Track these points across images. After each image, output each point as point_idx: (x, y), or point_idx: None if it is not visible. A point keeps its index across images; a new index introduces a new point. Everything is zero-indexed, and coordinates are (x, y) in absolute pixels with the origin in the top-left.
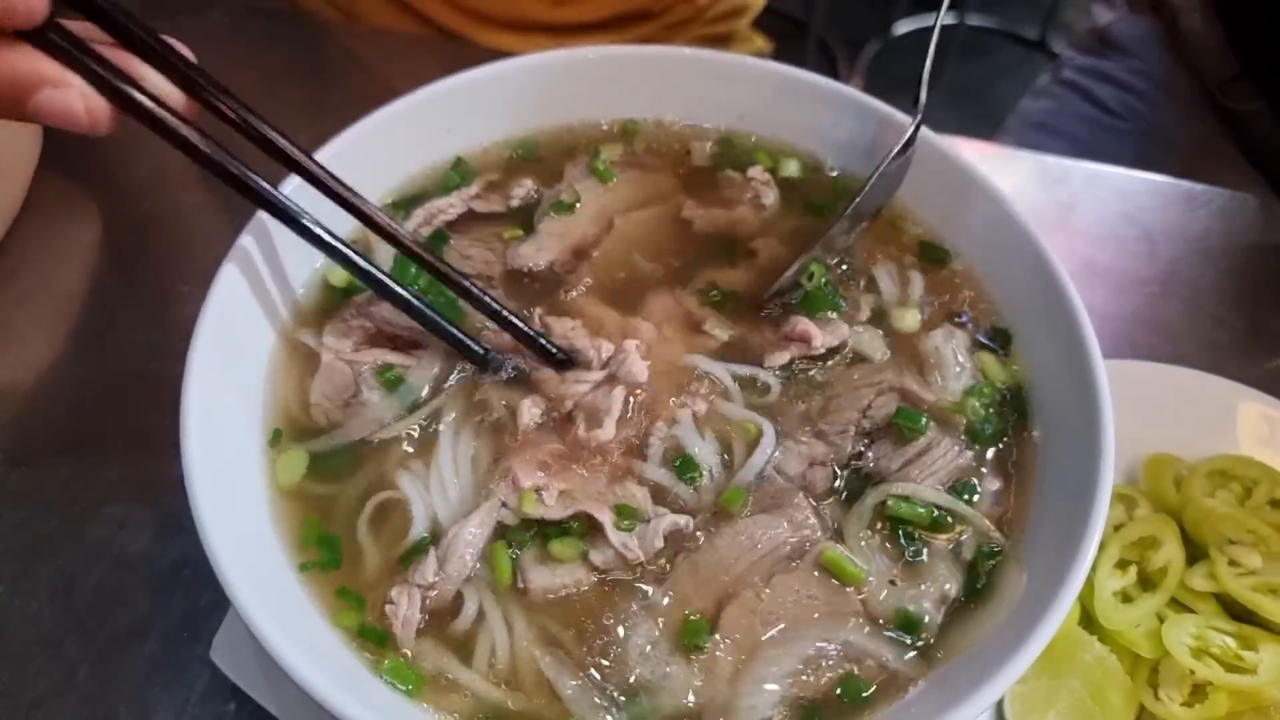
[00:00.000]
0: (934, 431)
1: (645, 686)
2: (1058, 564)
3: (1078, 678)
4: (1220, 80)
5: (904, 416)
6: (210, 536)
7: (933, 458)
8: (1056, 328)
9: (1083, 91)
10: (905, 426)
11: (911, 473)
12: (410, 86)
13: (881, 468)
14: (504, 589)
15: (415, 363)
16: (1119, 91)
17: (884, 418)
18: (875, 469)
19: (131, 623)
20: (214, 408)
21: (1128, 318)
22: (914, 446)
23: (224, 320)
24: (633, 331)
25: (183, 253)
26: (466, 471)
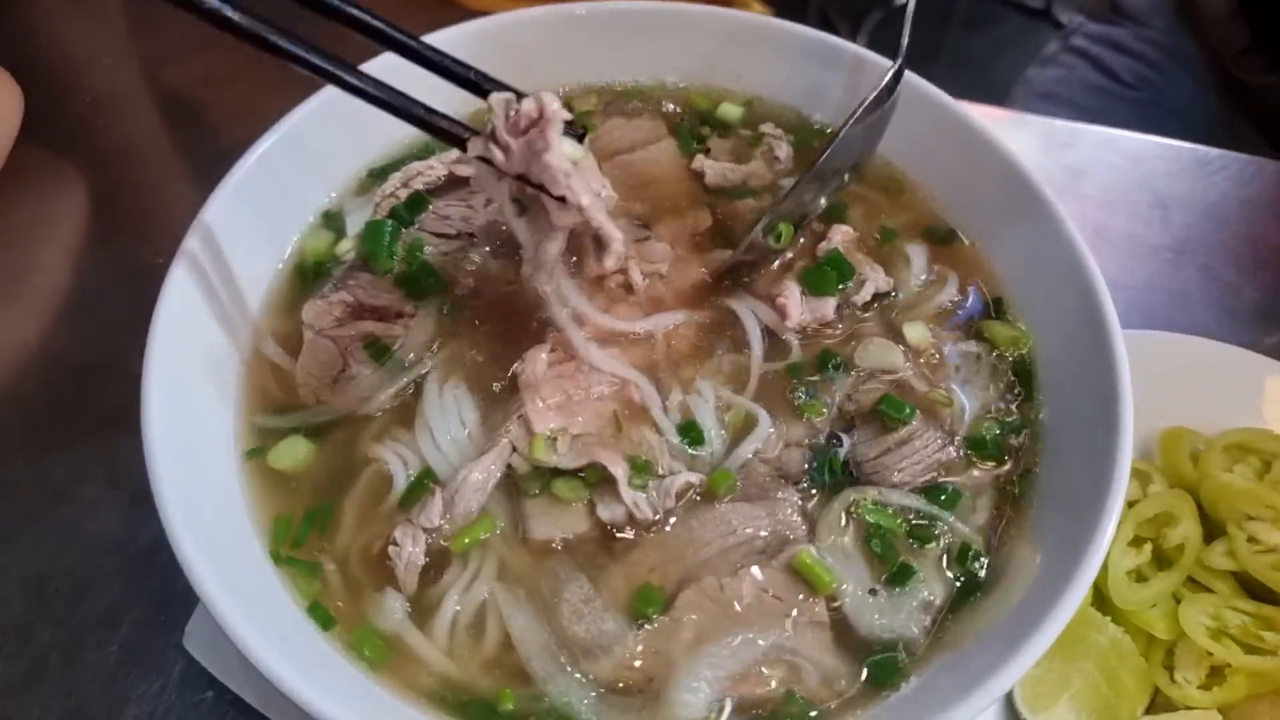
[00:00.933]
0: (918, 422)
1: (582, 645)
2: (1073, 543)
3: (1091, 661)
4: (1232, 52)
5: (889, 404)
6: (174, 523)
7: (912, 449)
8: (1069, 296)
9: (1092, 59)
10: (889, 414)
11: (887, 462)
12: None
13: (858, 454)
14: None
15: (403, 331)
16: (1130, 60)
17: (869, 403)
18: (852, 455)
19: (104, 609)
20: (180, 389)
21: (1140, 286)
22: (894, 436)
23: (187, 299)
24: (646, 252)
25: (157, 222)
26: (457, 420)
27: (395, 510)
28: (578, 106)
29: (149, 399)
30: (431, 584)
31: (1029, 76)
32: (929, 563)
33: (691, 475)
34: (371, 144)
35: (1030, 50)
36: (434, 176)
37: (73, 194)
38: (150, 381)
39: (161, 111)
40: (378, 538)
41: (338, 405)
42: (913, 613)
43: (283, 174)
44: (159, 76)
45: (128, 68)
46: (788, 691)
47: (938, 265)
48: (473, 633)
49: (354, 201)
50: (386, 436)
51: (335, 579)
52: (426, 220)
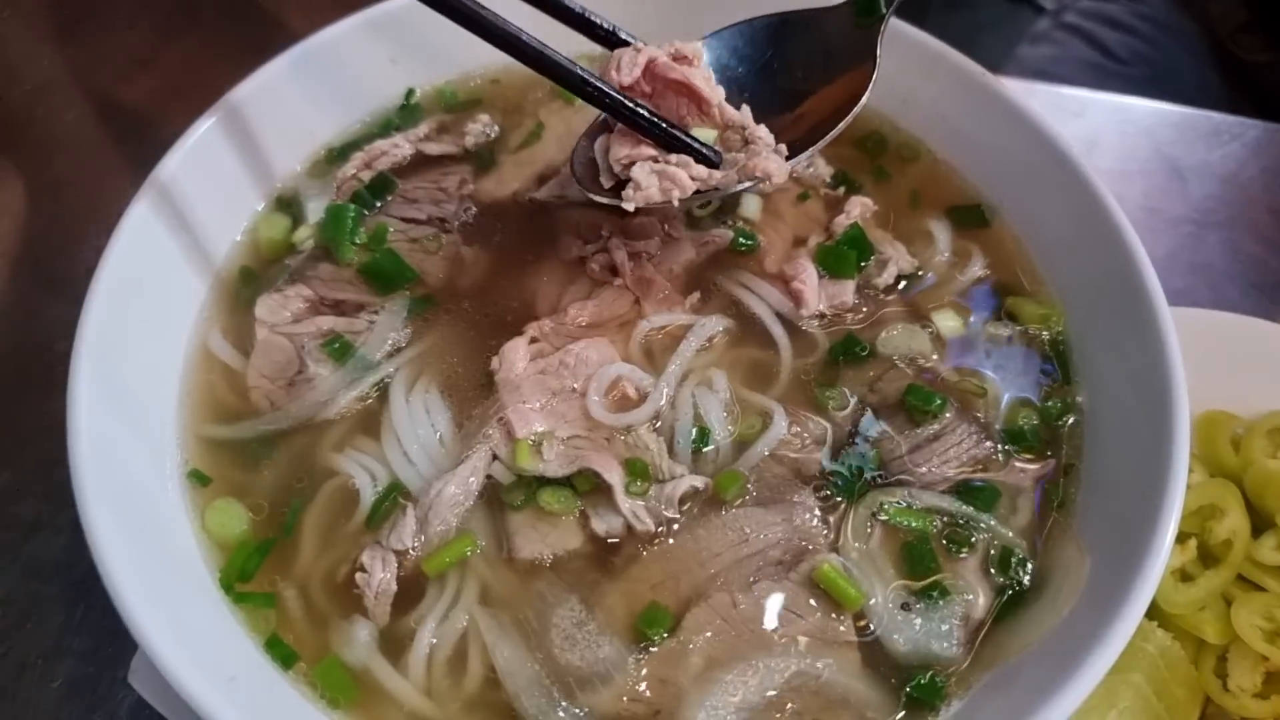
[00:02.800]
0: (950, 415)
1: (578, 676)
2: (1128, 544)
3: (1140, 672)
4: (1230, 28)
5: (916, 395)
6: (105, 551)
7: (944, 444)
8: (1105, 270)
9: (1085, 35)
10: (916, 407)
11: (916, 459)
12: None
13: (884, 451)
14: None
15: (367, 327)
16: (1124, 35)
17: (894, 394)
18: (877, 452)
19: (45, 640)
20: (113, 399)
21: (1162, 261)
22: (924, 430)
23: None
24: (635, 230)
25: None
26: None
27: (362, 530)
28: None
29: (75, 412)
30: (405, 613)
31: (1020, 55)
32: (967, 570)
33: (696, 479)
34: (328, 121)
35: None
36: (400, 156)
37: (10, 189)
38: (77, 392)
39: (103, 99)
40: (343, 562)
41: (294, 411)
42: (951, 628)
43: (228, 156)
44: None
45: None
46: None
47: (961, 241)
48: (453, 667)
49: (311, 185)
50: (349, 446)
51: (296, 608)
52: (393, 204)
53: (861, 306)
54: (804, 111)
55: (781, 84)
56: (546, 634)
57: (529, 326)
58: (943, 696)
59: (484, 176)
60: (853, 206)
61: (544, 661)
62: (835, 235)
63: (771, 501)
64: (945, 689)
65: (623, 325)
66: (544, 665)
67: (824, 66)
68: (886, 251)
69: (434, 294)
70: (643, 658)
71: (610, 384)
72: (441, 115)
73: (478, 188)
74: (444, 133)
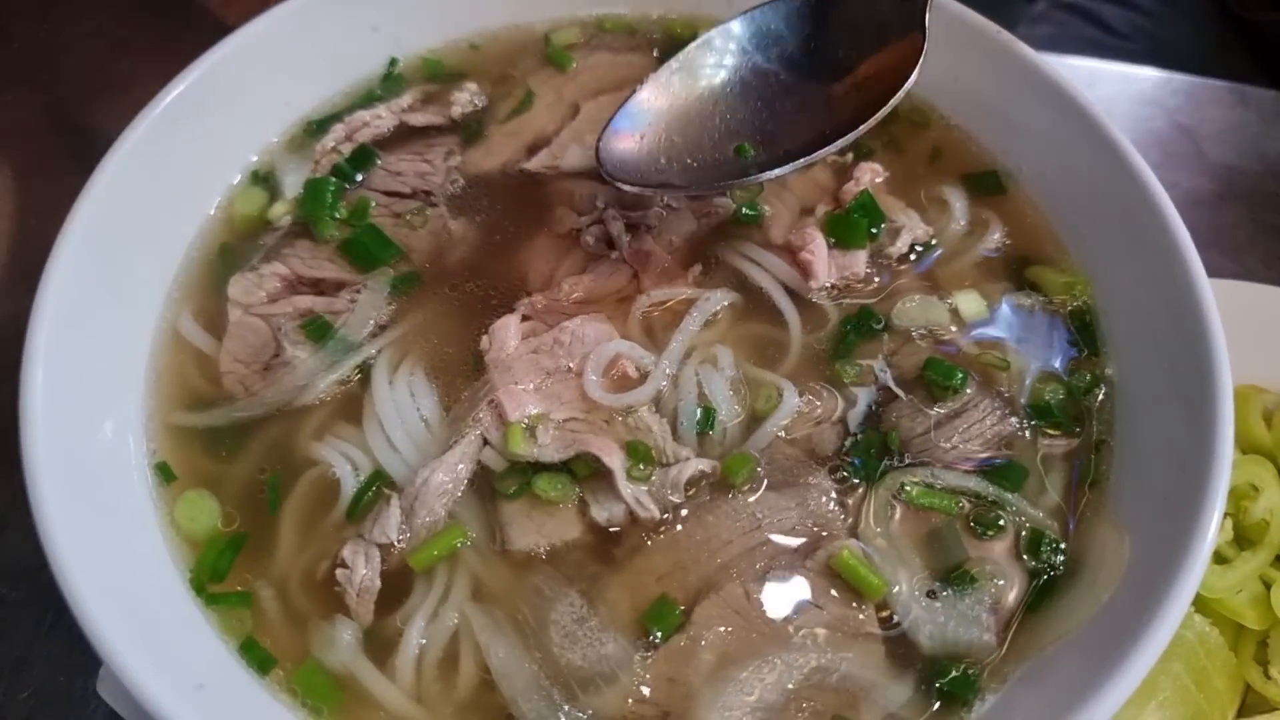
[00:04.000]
0: (972, 390)
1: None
2: (1171, 523)
3: (1179, 661)
4: None
5: (935, 369)
6: (59, 548)
7: (967, 421)
8: (1135, 237)
9: (1084, 13)
10: (936, 382)
11: (937, 437)
12: None
13: (903, 429)
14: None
15: (347, 306)
16: (1124, 10)
17: (912, 369)
18: (896, 430)
19: (11, 649)
20: (72, 386)
21: None
22: (945, 407)
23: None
24: (632, 202)
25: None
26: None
27: (343, 523)
28: (559, 40)
29: (29, 401)
30: (391, 612)
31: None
32: (996, 555)
33: (703, 462)
34: (307, 92)
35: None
36: (383, 128)
37: None
38: (31, 380)
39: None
40: (323, 557)
41: (270, 396)
42: (981, 616)
43: (198, 127)
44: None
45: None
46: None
47: (978, 209)
48: (444, 669)
49: (288, 159)
50: (329, 433)
51: (273, 609)
52: (375, 178)
53: (874, 277)
54: (848, 89)
55: (824, 62)
56: (545, 632)
57: (520, 303)
58: (975, 690)
59: (472, 148)
60: (862, 173)
61: (542, 661)
62: (845, 203)
63: (784, 485)
64: (978, 682)
65: (620, 300)
66: (543, 665)
67: (868, 42)
68: (899, 219)
69: (419, 271)
70: (649, 655)
71: (608, 363)
72: (426, 85)
73: (465, 159)
74: (429, 103)
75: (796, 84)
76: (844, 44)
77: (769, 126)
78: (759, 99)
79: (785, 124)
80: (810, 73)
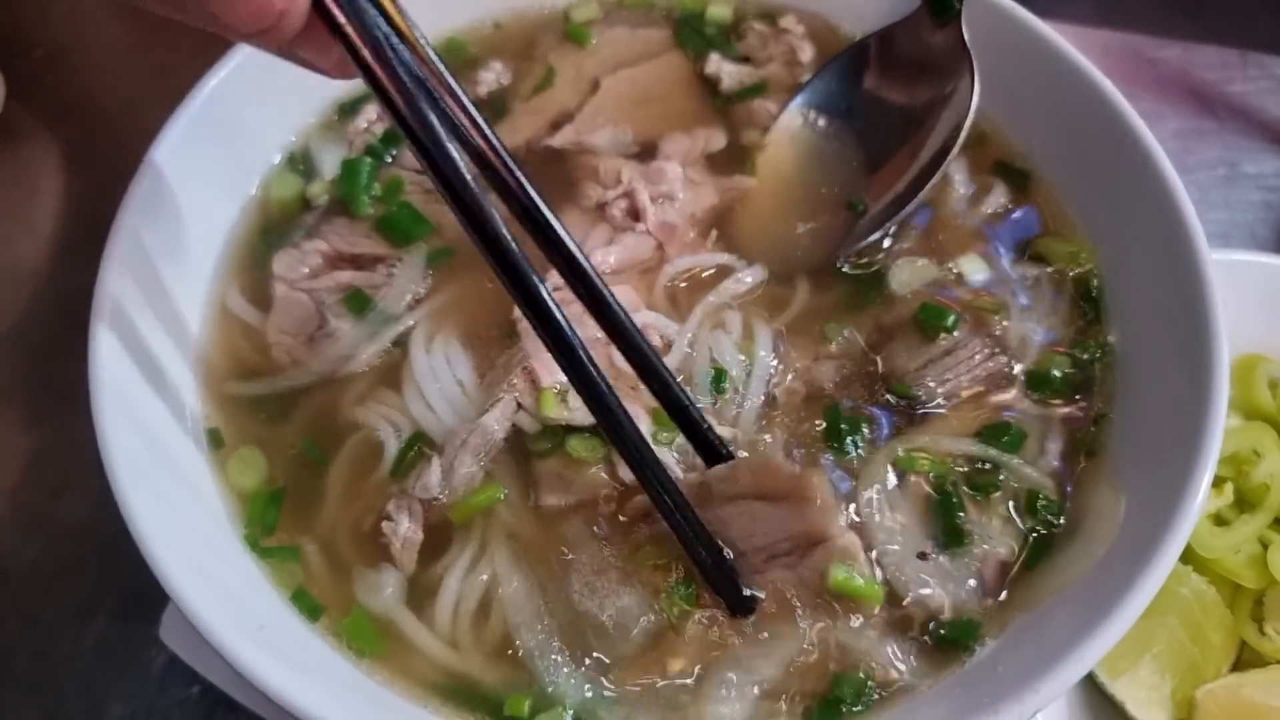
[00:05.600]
0: (963, 332)
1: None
2: (1164, 484)
3: (1175, 615)
4: None
5: (928, 313)
6: (134, 510)
7: (956, 359)
8: (1140, 207)
9: None
10: (929, 323)
11: (928, 374)
12: None
13: (897, 367)
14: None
15: (385, 280)
16: None
17: (907, 314)
18: (890, 369)
19: (76, 601)
20: (134, 360)
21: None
22: (937, 346)
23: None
24: (655, 175)
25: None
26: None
27: (387, 481)
28: (578, 16)
29: (97, 374)
30: (432, 563)
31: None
32: (993, 515)
33: (724, 429)
34: None
35: None
36: None
37: (31, 154)
38: (98, 353)
39: (117, 60)
40: (369, 512)
41: (315, 366)
42: (974, 575)
43: (239, 112)
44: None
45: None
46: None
47: (982, 176)
48: (478, 618)
49: (323, 140)
50: (371, 399)
51: (319, 562)
52: (406, 156)
53: (882, 243)
54: (920, 130)
55: (885, 113)
56: (566, 578)
57: (551, 275)
58: (975, 636)
59: (497, 125)
60: None
61: (567, 612)
62: None
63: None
64: (974, 634)
65: (645, 271)
66: (568, 616)
67: (919, 78)
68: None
69: (452, 245)
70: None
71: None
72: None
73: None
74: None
75: (874, 128)
76: (898, 91)
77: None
78: (847, 153)
79: (881, 167)
80: (880, 131)
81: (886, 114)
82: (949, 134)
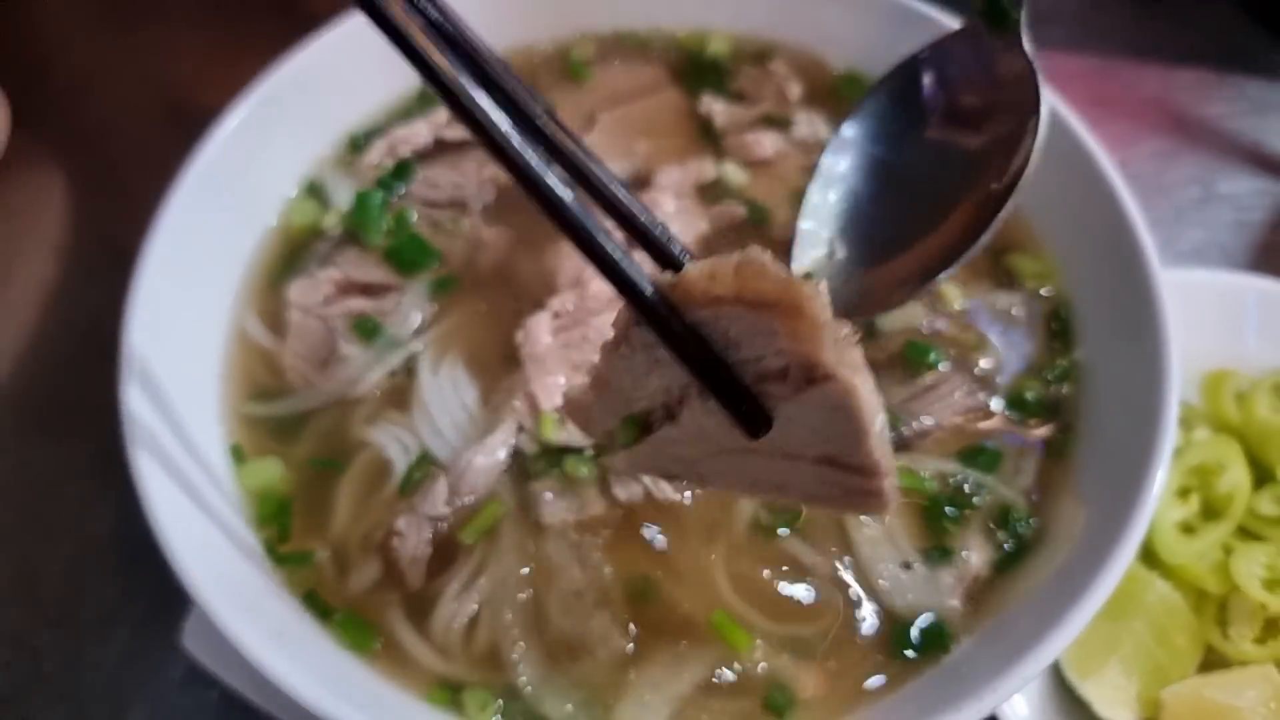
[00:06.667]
0: (946, 367)
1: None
2: (1119, 497)
3: (1140, 619)
4: None
5: (913, 350)
6: (163, 523)
7: (939, 395)
8: (1101, 235)
9: None
10: (914, 360)
11: (914, 407)
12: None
13: (884, 400)
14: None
15: (394, 307)
16: None
17: (894, 348)
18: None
19: (100, 610)
20: (161, 380)
21: (1169, 221)
22: (921, 382)
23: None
24: (650, 206)
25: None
26: (456, 399)
27: (395, 498)
28: (577, 55)
29: (127, 394)
30: (436, 576)
31: None
32: (969, 528)
33: None
34: (350, 108)
35: None
36: (420, 142)
37: (52, 179)
38: (127, 374)
39: (138, 88)
40: (378, 527)
41: (328, 388)
42: (949, 585)
43: (258, 146)
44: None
45: (101, 46)
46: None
47: None
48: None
49: (336, 172)
50: (381, 419)
51: (329, 568)
52: (415, 188)
53: None
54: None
55: (947, 139)
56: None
57: (551, 302)
58: (949, 639)
59: None
60: None
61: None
62: None
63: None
64: (950, 635)
65: None
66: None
67: (980, 98)
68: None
69: (457, 274)
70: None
71: None
72: None
73: (495, 170)
74: None
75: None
76: (958, 115)
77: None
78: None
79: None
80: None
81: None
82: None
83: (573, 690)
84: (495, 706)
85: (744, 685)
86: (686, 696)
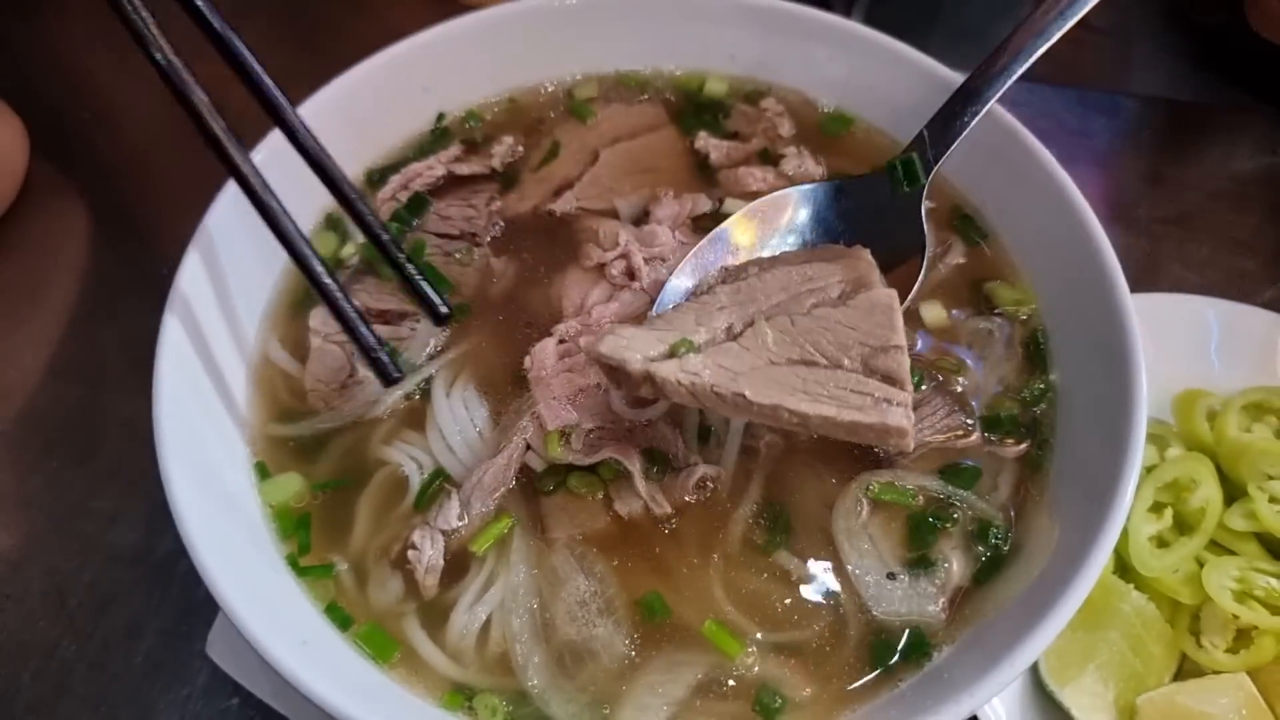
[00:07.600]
0: (928, 389)
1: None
2: (1091, 513)
3: (1116, 630)
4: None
5: None
6: (193, 536)
7: (922, 414)
8: (1074, 260)
9: None
10: None
11: None
12: (385, 42)
13: None
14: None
15: (409, 333)
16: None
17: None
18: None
19: (127, 620)
20: (190, 400)
21: (1146, 248)
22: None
23: (193, 309)
24: (647, 238)
25: (163, 233)
26: (467, 420)
27: (411, 513)
28: (580, 94)
29: (160, 414)
30: (449, 586)
31: None
32: (949, 542)
33: (709, 468)
34: (369, 145)
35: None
36: (433, 177)
37: (78, 210)
38: (160, 394)
39: (162, 121)
40: (395, 541)
41: (347, 410)
42: (931, 593)
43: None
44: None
45: (125, 80)
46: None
47: (942, 232)
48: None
49: None
50: (397, 439)
51: (349, 580)
52: (428, 221)
53: None
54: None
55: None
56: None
57: (557, 328)
58: (928, 648)
59: (509, 193)
60: None
61: (557, 635)
62: None
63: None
64: (932, 642)
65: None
66: (559, 638)
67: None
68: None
69: (468, 302)
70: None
71: None
72: (469, 137)
73: (504, 204)
74: (472, 154)
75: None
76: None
77: None
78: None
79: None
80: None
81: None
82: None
83: (577, 694)
84: (505, 711)
85: (736, 689)
86: (683, 700)
